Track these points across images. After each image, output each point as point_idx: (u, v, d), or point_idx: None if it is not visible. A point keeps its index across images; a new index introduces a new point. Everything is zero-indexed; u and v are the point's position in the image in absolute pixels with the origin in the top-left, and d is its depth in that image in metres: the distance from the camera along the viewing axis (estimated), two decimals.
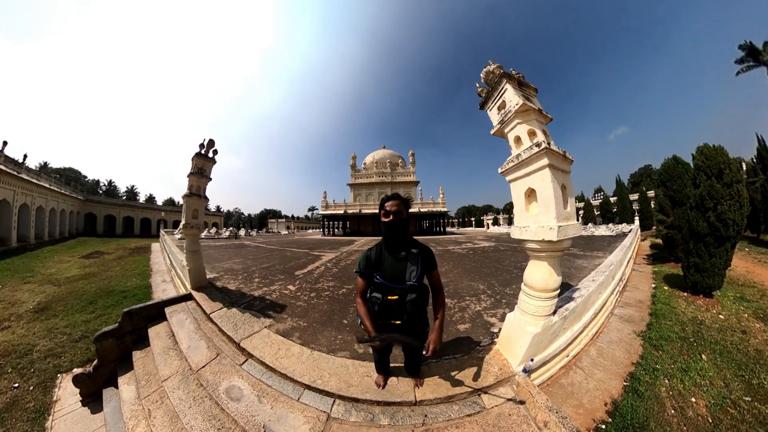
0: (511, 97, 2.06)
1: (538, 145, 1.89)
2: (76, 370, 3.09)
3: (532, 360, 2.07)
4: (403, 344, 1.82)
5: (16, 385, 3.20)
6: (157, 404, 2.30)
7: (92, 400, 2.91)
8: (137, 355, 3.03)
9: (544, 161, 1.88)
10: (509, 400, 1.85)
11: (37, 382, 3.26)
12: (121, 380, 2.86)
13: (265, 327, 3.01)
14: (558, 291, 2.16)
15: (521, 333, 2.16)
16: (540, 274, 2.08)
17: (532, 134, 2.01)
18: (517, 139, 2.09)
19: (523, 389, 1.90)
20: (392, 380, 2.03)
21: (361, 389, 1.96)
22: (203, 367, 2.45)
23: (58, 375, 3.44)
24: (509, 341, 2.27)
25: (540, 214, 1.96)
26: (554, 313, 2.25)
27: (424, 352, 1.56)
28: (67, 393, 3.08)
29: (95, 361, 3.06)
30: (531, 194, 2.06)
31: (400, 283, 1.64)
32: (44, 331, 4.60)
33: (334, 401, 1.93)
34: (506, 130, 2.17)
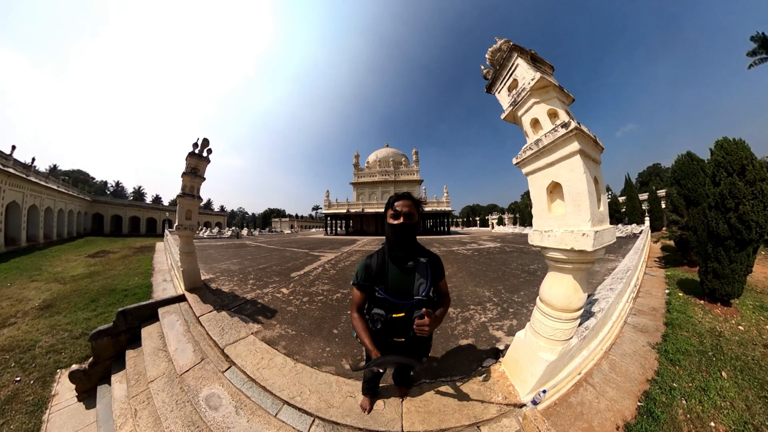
0: (524, 73, 1.70)
1: (564, 125, 1.48)
2: (74, 367, 3.10)
3: (544, 392, 1.76)
4: (403, 365, 1.60)
5: (18, 378, 3.23)
6: (143, 404, 2.26)
7: (87, 396, 2.93)
8: (130, 354, 3.02)
9: (574, 146, 1.47)
10: None
11: (38, 377, 3.29)
12: (114, 378, 2.86)
13: (252, 333, 2.91)
14: (582, 310, 1.76)
15: (533, 358, 1.82)
16: (562, 290, 1.68)
17: (553, 115, 1.63)
18: (535, 122, 1.71)
19: (530, 423, 1.65)
20: (378, 404, 1.84)
21: (342, 411, 1.79)
22: (187, 371, 2.38)
23: (58, 370, 3.45)
24: (517, 365, 1.96)
25: (567, 214, 1.56)
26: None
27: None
28: (64, 388, 3.09)
29: (91, 359, 3.07)
30: (555, 189, 1.64)
31: (406, 297, 1.42)
32: (47, 327, 4.65)
33: (313, 421, 1.78)
34: (520, 113, 1.77)
